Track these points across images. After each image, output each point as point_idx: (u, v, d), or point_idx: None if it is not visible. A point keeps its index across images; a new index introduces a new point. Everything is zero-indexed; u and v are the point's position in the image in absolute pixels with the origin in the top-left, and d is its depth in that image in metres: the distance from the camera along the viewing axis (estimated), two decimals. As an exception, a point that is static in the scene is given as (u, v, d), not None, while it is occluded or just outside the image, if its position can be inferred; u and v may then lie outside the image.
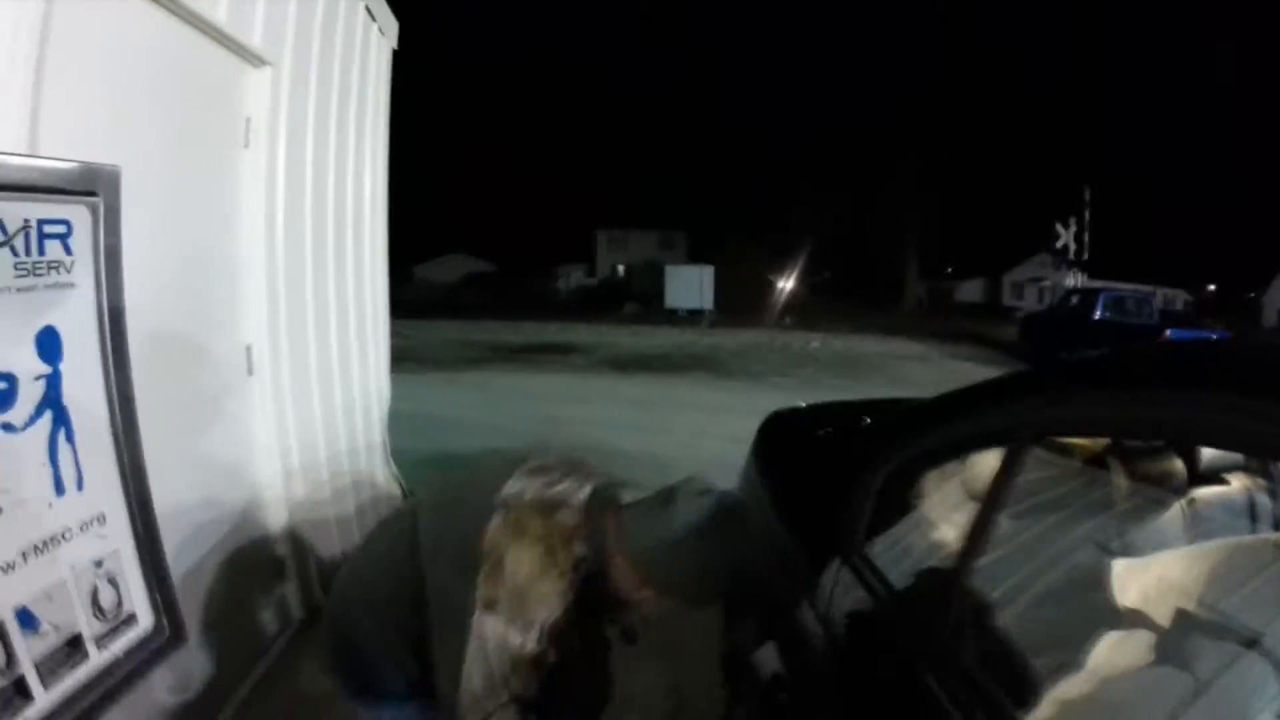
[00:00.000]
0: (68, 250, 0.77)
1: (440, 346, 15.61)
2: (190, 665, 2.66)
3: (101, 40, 1.48)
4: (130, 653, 0.91)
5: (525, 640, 1.55)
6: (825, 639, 2.02)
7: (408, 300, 4.06)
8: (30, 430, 0.75)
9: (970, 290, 50.43)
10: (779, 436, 3.20)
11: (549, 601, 1.58)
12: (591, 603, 1.68)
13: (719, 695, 2.74)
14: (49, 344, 0.76)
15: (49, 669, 0.80)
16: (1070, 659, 1.65)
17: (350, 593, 1.75)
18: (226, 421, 3.04)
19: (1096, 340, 15.35)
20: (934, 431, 2.12)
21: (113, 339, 0.83)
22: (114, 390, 0.84)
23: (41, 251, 0.74)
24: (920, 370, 16.92)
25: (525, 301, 31.94)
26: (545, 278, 42.77)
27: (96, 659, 0.87)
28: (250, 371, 3.14)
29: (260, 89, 3.14)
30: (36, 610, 0.78)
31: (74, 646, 0.84)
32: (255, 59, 3.04)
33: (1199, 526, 2.16)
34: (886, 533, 2.16)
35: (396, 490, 4.99)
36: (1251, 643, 1.42)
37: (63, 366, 0.78)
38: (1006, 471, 1.71)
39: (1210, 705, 1.37)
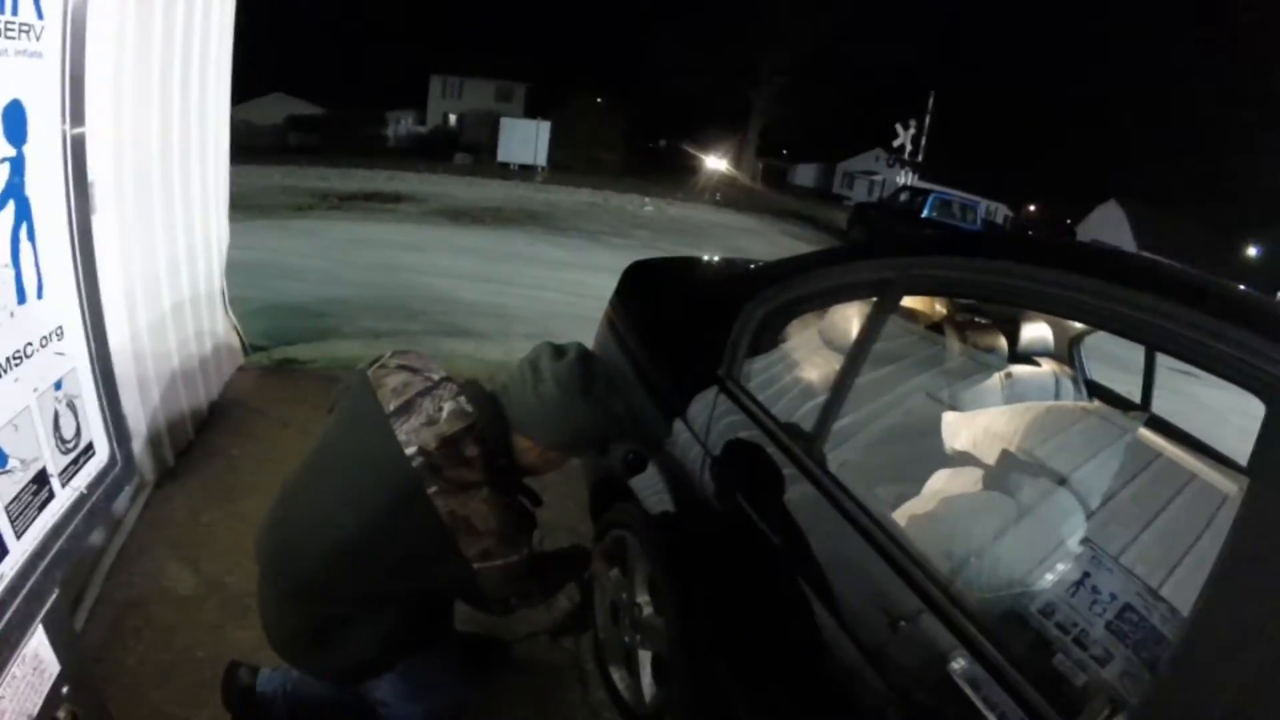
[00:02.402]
0: (39, 13, 0.62)
1: (266, 193, 14.62)
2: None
3: None
4: (91, 486, 0.81)
5: (518, 555, 1.76)
6: (703, 454, 2.21)
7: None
8: (-12, 224, 0.62)
9: (804, 174, 51.92)
10: (642, 282, 3.31)
11: (517, 519, 1.79)
12: (510, 486, 1.84)
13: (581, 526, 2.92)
14: (15, 122, 0.62)
15: (18, 512, 0.69)
16: (910, 488, 2.01)
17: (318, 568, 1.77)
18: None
19: (920, 236, 16.38)
20: (817, 277, 2.26)
21: (73, 122, 0.69)
22: (72, 183, 0.71)
23: (15, 10, 0.59)
24: (753, 241, 17.48)
25: (353, 147, 30.13)
26: (374, 123, 40.16)
27: (62, 496, 0.76)
28: (94, 210, 2.79)
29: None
30: (3, 443, 0.67)
31: (40, 484, 0.73)
32: None
33: (1013, 394, 2.63)
34: (759, 364, 2.36)
35: (236, 342, 4.76)
36: (1061, 481, 1.82)
37: (26, 150, 0.64)
38: (876, 319, 1.93)
39: (1031, 525, 1.73)
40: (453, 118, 44.57)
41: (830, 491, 1.77)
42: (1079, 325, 3.04)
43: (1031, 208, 49.91)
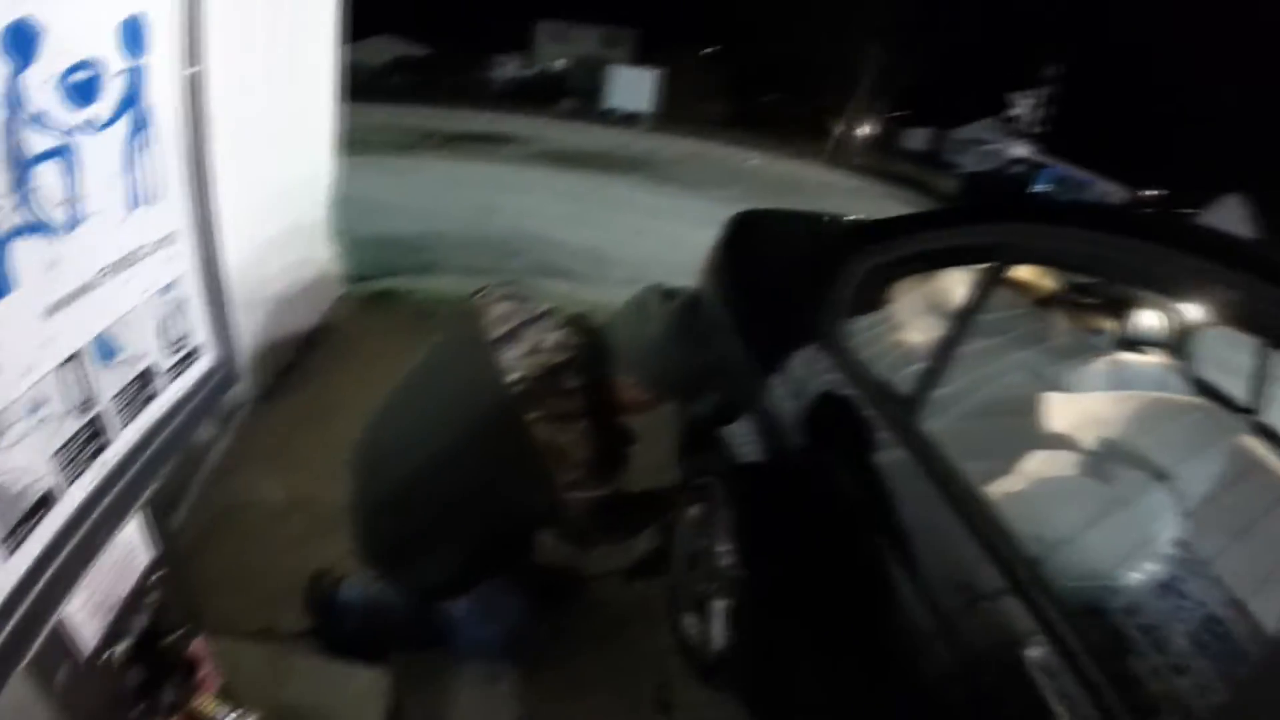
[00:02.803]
0: None
1: (371, 131, 14.87)
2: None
3: None
4: (195, 387, 0.85)
5: (607, 491, 1.83)
6: (796, 408, 2.20)
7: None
8: (109, 130, 0.65)
9: (915, 139, 50.17)
10: (749, 232, 3.28)
11: (610, 453, 1.85)
12: (606, 421, 1.87)
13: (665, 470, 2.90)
14: (132, 34, 0.65)
15: (124, 404, 0.74)
16: (1003, 466, 1.89)
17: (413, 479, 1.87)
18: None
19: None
20: (925, 238, 2.22)
21: (191, 32, 0.71)
22: (190, 96, 0.74)
23: None
24: (856, 203, 17.06)
25: (458, 90, 30.46)
26: (480, 66, 40.45)
27: (167, 393, 0.80)
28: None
29: None
30: (112, 339, 0.71)
31: (145, 380, 0.77)
32: None
33: (1118, 381, 2.43)
34: (860, 323, 2.34)
35: (338, 272, 4.88)
36: (1160, 476, 1.74)
37: (144, 62, 0.67)
38: (983, 286, 1.87)
39: (1123, 518, 1.64)
40: (559, 63, 44.50)
41: (922, 459, 1.75)
42: (1193, 316, 2.88)
43: (1149, 193, 46.89)
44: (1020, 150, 26.31)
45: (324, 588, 2.25)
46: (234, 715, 0.93)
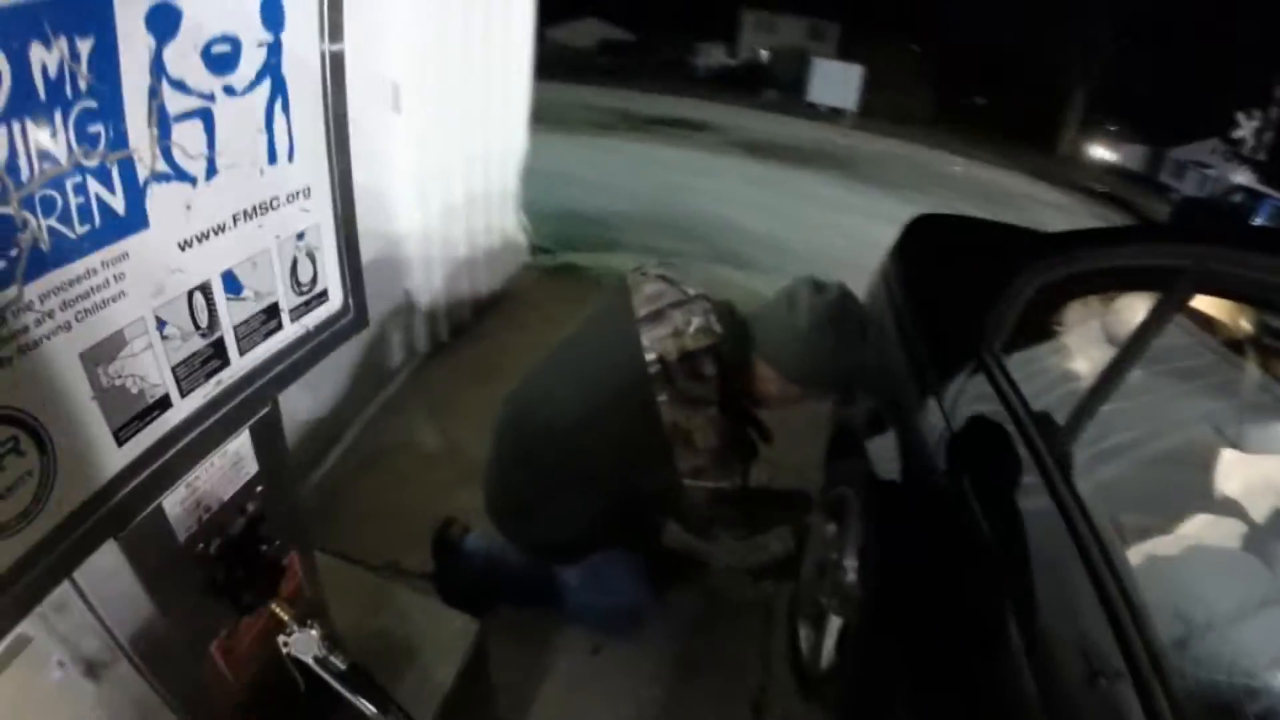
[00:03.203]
0: None
1: (572, 110, 15.36)
2: (331, 367, 2.90)
3: None
4: (319, 327, 0.97)
5: (729, 483, 1.83)
6: (945, 429, 2.04)
7: (539, 62, 4.03)
8: (249, 95, 0.75)
9: (1130, 155, 46.48)
10: (923, 237, 3.15)
11: (736, 446, 1.87)
12: (738, 414, 1.92)
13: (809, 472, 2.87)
14: (272, 10, 0.75)
15: (245, 334, 0.86)
16: (1162, 525, 1.68)
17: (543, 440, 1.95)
18: (373, 154, 3.08)
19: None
20: (1100, 255, 2.06)
21: (330, 13, 0.82)
22: (328, 67, 0.84)
23: None
24: (1058, 218, 15.98)
25: (660, 74, 30.87)
26: (684, 51, 40.79)
27: (289, 329, 0.92)
28: (396, 109, 3.13)
29: None
30: (240, 275, 0.82)
31: (270, 315, 0.88)
32: None
33: None
34: (1025, 345, 2.15)
35: (524, 241, 5.09)
36: None
37: (284, 36, 0.77)
38: (1159, 315, 1.67)
39: (1272, 594, 1.40)
40: (764, 53, 44.23)
41: (1064, 503, 1.55)
42: None
43: None
44: (1242, 177, 23.72)
45: (452, 533, 2.37)
46: (299, 627, 1.03)
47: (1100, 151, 40.64)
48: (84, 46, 0.59)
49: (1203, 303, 2.42)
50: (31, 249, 0.60)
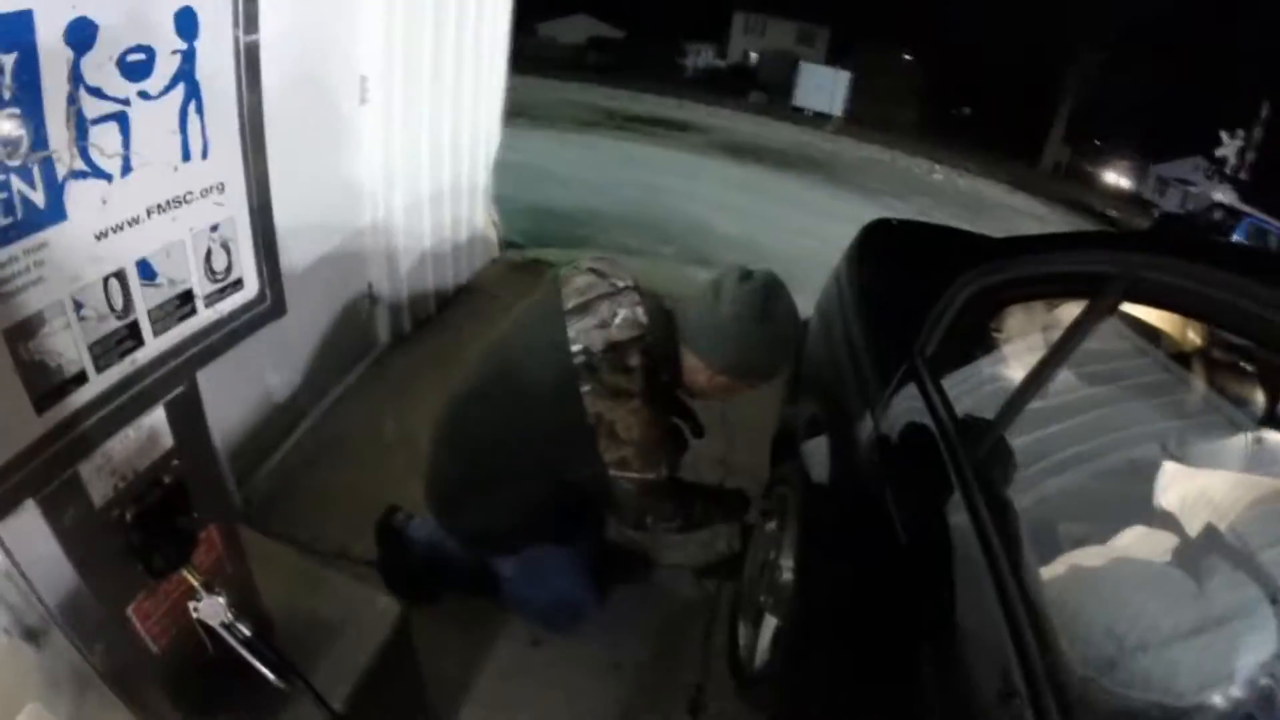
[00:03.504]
0: None
1: (556, 105, 15.42)
2: (289, 355, 2.97)
3: None
4: (234, 313, 1.04)
5: (656, 475, 1.86)
6: (873, 432, 2.07)
7: (528, 56, 4.08)
8: (163, 99, 0.83)
9: (1114, 169, 46.74)
10: (876, 241, 3.19)
11: (663, 439, 1.88)
12: (666, 405, 1.92)
13: (761, 473, 2.90)
14: (186, 22, 0.83)
15: (159, 317, 0.93)
16: (1095, 534, 1.67)
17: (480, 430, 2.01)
18: (338, 146, 3.14)
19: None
20: (1031, 261, 2.08)
21: (245, 22, 0.89)
22: (243, 70, 0.92)
23: None
24: (1034, 230, 16.15)
25: (648, 73, 30.89)
26: (672, 52, 40.93)
27: (203, 314, 0.99)
28: (363, 101, 3.19)
29: None
30: (155, 263, 0.89)
31: (184, 300, 0.95)
32: None
33: (1258, 463, 1.96)
34: (956, 349, 2.16)
35: (493, 236, 5.13)
36: (1267, 586, 1.35)
37: (197, 44, 0.85)
38: (1084, 322, 1.66)
39: (1203, 617, 1.33)
40: (752, 55, 44.34)
41: (980, 512, 1.55)
42: None
43: None
44: (1223, 195, 24.02)
45: (396, 520, 2.42)
46: (208, 593, 1.10)
47: (1083, 165, 41.01)
48: (7, 60, 0.68)
49: (1153, 316, 2.43)
50: (-40, 238, 0.68)
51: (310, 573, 1.73)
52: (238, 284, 1.04)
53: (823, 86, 31.15)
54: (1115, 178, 41.34)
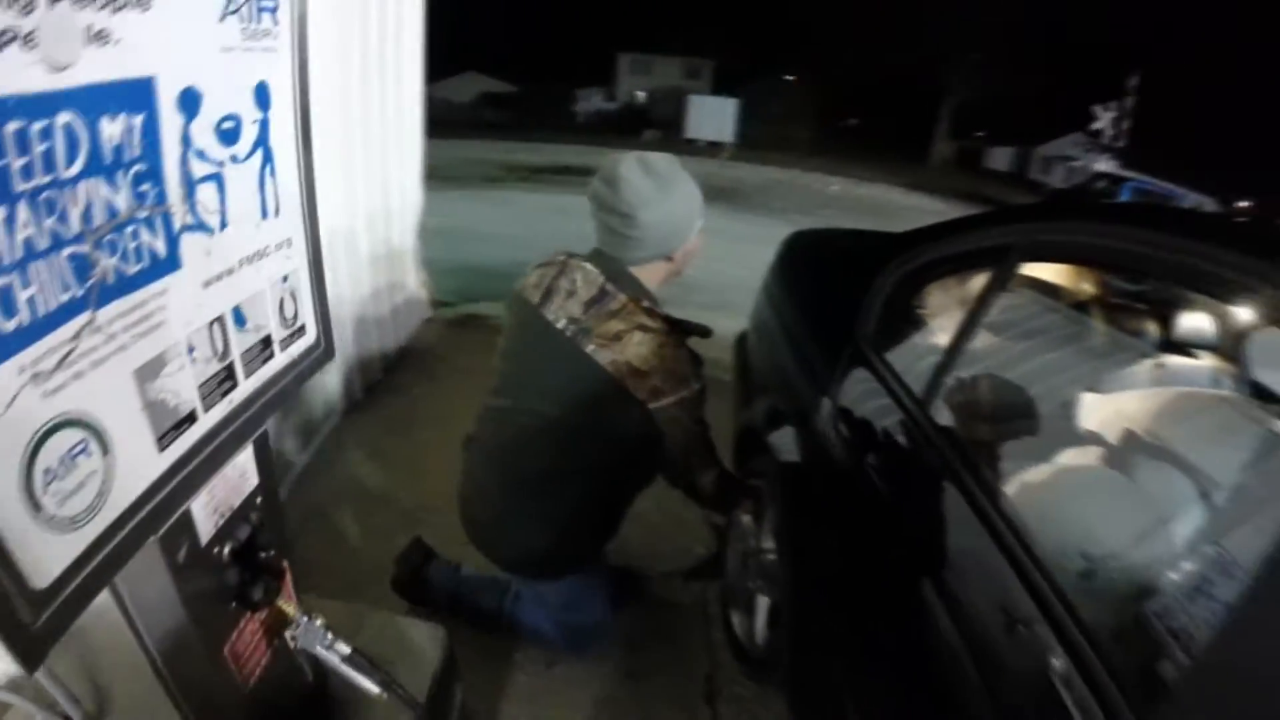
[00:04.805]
0: (275, 21, 0.94)
1: (461, 165, 15.48)
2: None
3: None
4: (300, 357, 1.11)
5: (690, 388, 1.95)
6: (832, 408, 2.28)
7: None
8: (248, 162, 0.92)
9: (999, 158, 48.60)
10: (799, 249, 3.45)
11: (676, 353, 1.94)
12: (666, 325, 1.99)
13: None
14: (262, 95, 0.92)
15: (248, 360, 1.00)
16: (1036, 464, 1.90)
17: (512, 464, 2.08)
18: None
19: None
20: (947, 243, 2.32)
21: (301, 97, 1.00)
22: (300, 139, 1.02)
23: (257, 22, 0.91)
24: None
25: (543, 123, 31.20)
26: (564, 100, 41.40)
27: (279, 357, 1.06)
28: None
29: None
30: (245, 310, 0.97)
31: (265, 345, 1.02)
32: None
33: (1162, 383, 2.36)
34: (892, 326, 2.39)
35: (425, 296, 5.19)
36: (1182, 465, 1.70)
37: (270, 114, 0.95)
38: (994, 286, 1.93)
39: (1141, 505, 1.65)
40: (641, 95, 45.18)
41: (935, 450, 1.80)
42: (1248, 319, 2.88)
43: (1244, 204, 44.16)
44: (1104, 165, 25.46)
45: (417, 558, 2.49)
46: (306, 618, 1.17)
47: (971, 157, 42.75)
48: (136, 120, 0.77)
49: (1055, 277, 2.75)
50: (101, 282, 0.76)
51: (349, 610, 1.77)
52: (302, 330, 1.12)
53: (713, 116, 31.74)
54: (1003, 164, 43.17)
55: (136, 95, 0.76)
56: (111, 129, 0.73)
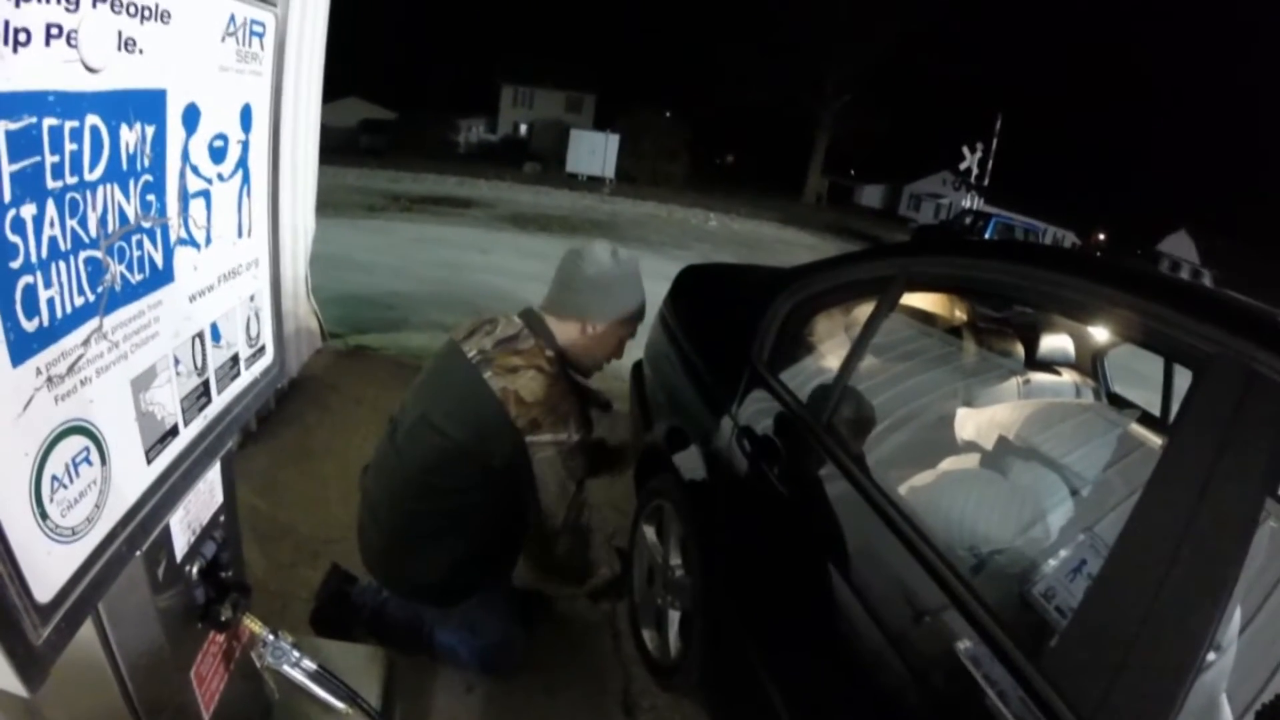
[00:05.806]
0: (262, 46, 0.96)
1: (340, 193, 15.19)
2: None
3: None
4: (261, 375, 1.11)
5: (569, 434, 2.10)
6: (733, 427, 2.41)
7: None
8: (230, 181, 0.93)
9: (870, 195, 50.67)
10: (692, 283, 3.61)
11: (565, 398, 2.11)
12: (575, 389, 2.21)
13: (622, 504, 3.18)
14: (246, 117, 0.94)
15: (221, 376, 0.99)
16: (920, 471, 2.13)
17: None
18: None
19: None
20: (835, 274, 2.51)
21: (273, 124, 1.02)
22: (271, 163, 1.04)
23: (249, 45, 0.93)
24: (811, 258, 17.43)
25: (424, 152, 30.82)
26: (446, 129, 40.87)
27: (244, 375, 1.06)
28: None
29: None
30: (220, 326, 0.95)
31: (234, 362, 1.01)
32: None
33: (1028, 396, 2.72)
34: (785, 351, 2.57)
35: (316, 326, 5.08)
36: (1051, 464, 1.96)
37: (250, 137, 0.97)
38: (879, 313, 2.13)
39: (1016, 497, 1.88)
40: (523, 127, 45.10)
41: (833, 461, 1.94)
42: (1103, 339, 3.19)
43: (1101, 236, 47.63)
44: (970, 202, 27.09)
45: (339, 582, 2.49)
46: (273, 636, 1.16)
47: (842, 195, 44.43)
48: (149, 130, 0.79)
49: (929, 305, 3.02)
50: (110, 289, 0.77)
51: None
52: (263, 350, 1.13)
53: (594, 151, 31.94)
54: (874, 201, 45.10)
55: (152, 106, 0.78)
56: (129, 136, 0.75)
